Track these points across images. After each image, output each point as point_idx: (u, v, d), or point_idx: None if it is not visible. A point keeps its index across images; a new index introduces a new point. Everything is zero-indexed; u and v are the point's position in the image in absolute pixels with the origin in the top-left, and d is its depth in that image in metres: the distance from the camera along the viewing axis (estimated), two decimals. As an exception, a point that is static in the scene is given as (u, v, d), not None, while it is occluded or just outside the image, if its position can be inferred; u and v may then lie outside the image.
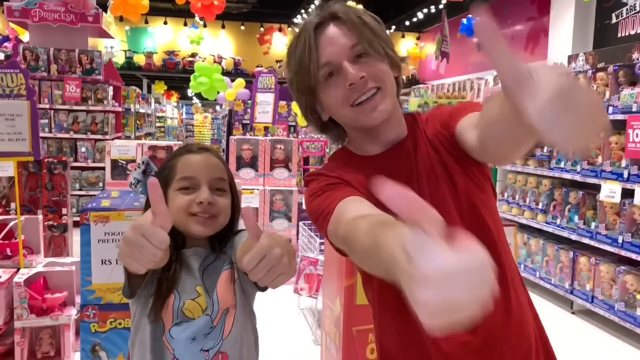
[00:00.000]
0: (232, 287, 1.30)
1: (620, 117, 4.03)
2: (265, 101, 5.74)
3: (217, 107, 20.95)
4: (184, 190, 1.25)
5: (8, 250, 3.46)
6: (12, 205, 4.30)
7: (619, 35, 7.37)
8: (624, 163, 4.02)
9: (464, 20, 9.61)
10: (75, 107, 7.04)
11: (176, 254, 1.27)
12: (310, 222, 4.76)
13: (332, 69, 1.10)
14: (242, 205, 1.35)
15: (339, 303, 2.49)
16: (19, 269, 3.32)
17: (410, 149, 1.15)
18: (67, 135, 7.06)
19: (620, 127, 4.07)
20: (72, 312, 3.29)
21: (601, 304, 4.23)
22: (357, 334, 2.36)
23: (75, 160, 7.00)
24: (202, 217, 1.24)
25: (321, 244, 3.98)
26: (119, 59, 13.57)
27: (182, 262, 1.27)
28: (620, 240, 4.05)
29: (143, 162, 1.38)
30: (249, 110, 7.13)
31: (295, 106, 6.94)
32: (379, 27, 1.14)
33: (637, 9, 7.01)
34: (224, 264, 1.30)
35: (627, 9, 7.22)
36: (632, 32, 7.14)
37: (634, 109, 3.91)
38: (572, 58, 6.55)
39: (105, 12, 7.74)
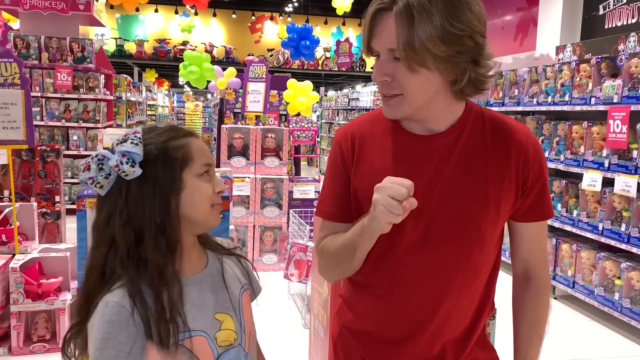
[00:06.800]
0: (251, 310, 1.25)
1: (601, 108, 4.14)
2: (257, 90, 5.79)
3: (209, 96, 20.92)
4: (205, 177, 1.13)
5: (3, 236, 3.53)
6: (6, 192, 4.35)
7: (606, 26, 7.47)
8: (604, 153, 4.14)
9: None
10: (66, 95, 7.06)
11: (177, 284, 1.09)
12: (300, 209, 4.86)
13: (377, 55, 1.13)
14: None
15: (327, 286, 2.59)
16: (14, 255, 3.39)
17: (445, 143, 1.17)
18: (58, 124, 7.08)
19: (601, 117, 4.18)
20: (67, 297, 3.38)
21: (582, 289, 4.37)
22: (344, 316, 2.46)
23: (67, 149, 7.03)
24: (219, 207, 1.16)
25: (311, 230, 4.07)
26: (110, 47, 13.52)
27: (184, 293, 1.09)
28: (600, 228, 4.18)
29: (94, 158, 1.07)
30: (240, 99, 7.18)
31: (287, 95, 6.99)
32: (446, 25, 1.03)
33: (624, 1, 7.11)
34: (238, 283, 1.23)
35: (614, 1, 7.32)
36: (619, 24, 7.24)
37: (614, 100, 4.01)
38: (559, 49, 6.65)
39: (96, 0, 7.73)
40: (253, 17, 15.20)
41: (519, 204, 1.20)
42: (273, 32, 15.12)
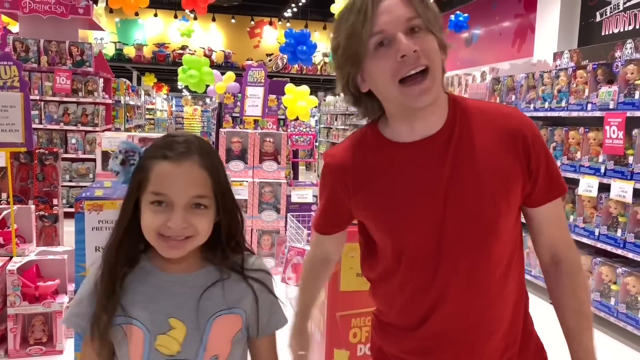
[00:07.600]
0: (231, 336, 1.15)
1: (598, 114, 4.17)
2: (255, 95, 5.81)
3: (207, 100, 20.94)
4: (157, 205, 1.07)
5: (1, 239, 3.52)
6: (4, 195, 4.35)
7: (603, 33, 7.52)
8: (601, 158, 4.16)
9: (452, 17, 9.72)
10: (65, 99, 7.07)
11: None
12: (297, 214, 4.87)
13: (383, 39, 1.05)
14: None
15: (324, 290, 2.60)
16: (11, 257, 3.39)
17: (441, 143, 1.12)
18: (57, 127, 7.08)
19: (598, 123, 4.21)
20: (64, 300, 3.38)
21: (578, 294, 4.38)
22: (341, 319, 2.47)
23: (66, 152, 7.02)
24: (173, 241, 1.07)
25: (308, 234, 4.08)
26: (109, 51, 13.55)
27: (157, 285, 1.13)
28: (596, 233, 4.20)
29: (121, 152, 1.13)
30: (238, 103, 7.20)
31: (286, 100, 7.01)
32: (436, 6, 1.10)
33: (621, 8, 7.16)
34: (220, 303, 1.14)
35: (610, 8, 7.37)
36: (616, 31, 7.29)
37: (610, 106, 4.04)
38: (557, 55, 6.69)
39: (96, 3, 7.76)
40: (252, 22, 15.26)
41: (529, 187, 1.14)
42: (272, 37, 15.17)
